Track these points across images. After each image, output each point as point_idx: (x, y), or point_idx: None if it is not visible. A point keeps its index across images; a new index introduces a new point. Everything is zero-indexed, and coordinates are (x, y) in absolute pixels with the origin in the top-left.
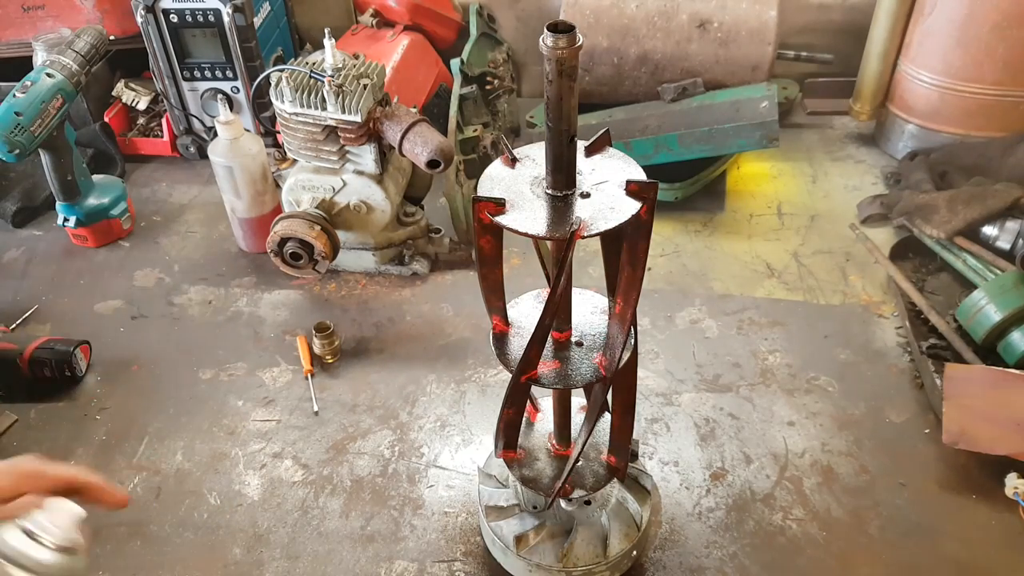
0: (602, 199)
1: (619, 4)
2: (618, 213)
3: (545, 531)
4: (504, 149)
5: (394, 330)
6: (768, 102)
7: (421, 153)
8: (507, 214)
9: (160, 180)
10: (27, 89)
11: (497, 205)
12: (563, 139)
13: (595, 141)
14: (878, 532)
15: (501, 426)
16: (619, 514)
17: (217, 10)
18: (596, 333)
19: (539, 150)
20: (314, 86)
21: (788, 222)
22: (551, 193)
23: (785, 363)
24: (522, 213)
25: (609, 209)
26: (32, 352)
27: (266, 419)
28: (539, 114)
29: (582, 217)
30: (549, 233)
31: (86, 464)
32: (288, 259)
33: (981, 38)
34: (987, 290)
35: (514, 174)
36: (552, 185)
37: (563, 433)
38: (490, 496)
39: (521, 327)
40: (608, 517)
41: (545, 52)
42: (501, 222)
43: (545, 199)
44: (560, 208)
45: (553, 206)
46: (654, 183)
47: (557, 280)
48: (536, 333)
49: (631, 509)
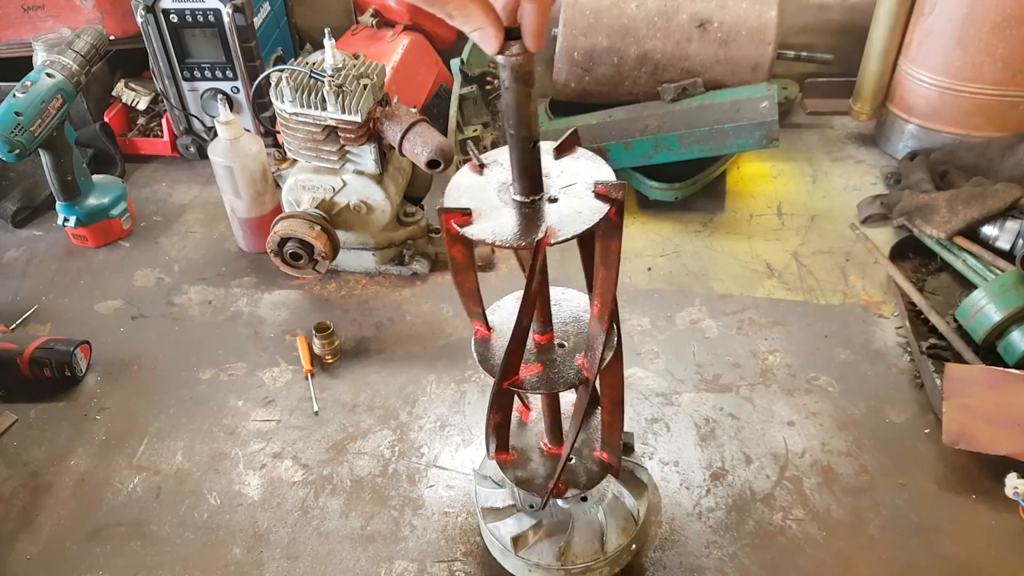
0: (570, 203)
1: (619, 4)
2: (586, 217)
3: (543, 530)
4: (472, 155)
5: (394, 330)
6: (768, 102)
7: (421, 153)
8: (474, 224)
9: (160, 180)
10: (27, 89)
11: (463, 215)
12: (525, 145)
13: (563, 142)
14: (878, 532)
15: (489, 430)
16: (615, 509)
17: (217, 10)
18: (580, 334)
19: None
20: (314, 86)
21: (788, 222)
22: (518, 200)
23: (785, 363)
24: (489, 222)
25: (577, 213)
26: (32, 352)
27: (266, 419)
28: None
29: (549, 224)
30: (515, 242)
31: (86, 464)
32: (288, 259)
33: (981, 38)
34: (987, 290)
35: (482, 181)
36: (519, 191)
37: (555, 432)
38: (487, 497)
39: (503, 331)
40: (604, 513)
41: (500, 60)
42: (467, 233)
43: (513, 206)
44: (528, 215)
45: (521, 213)
46: (622, 184)
47: (528, 286)
48: (513, 339)
49: (627, 503)
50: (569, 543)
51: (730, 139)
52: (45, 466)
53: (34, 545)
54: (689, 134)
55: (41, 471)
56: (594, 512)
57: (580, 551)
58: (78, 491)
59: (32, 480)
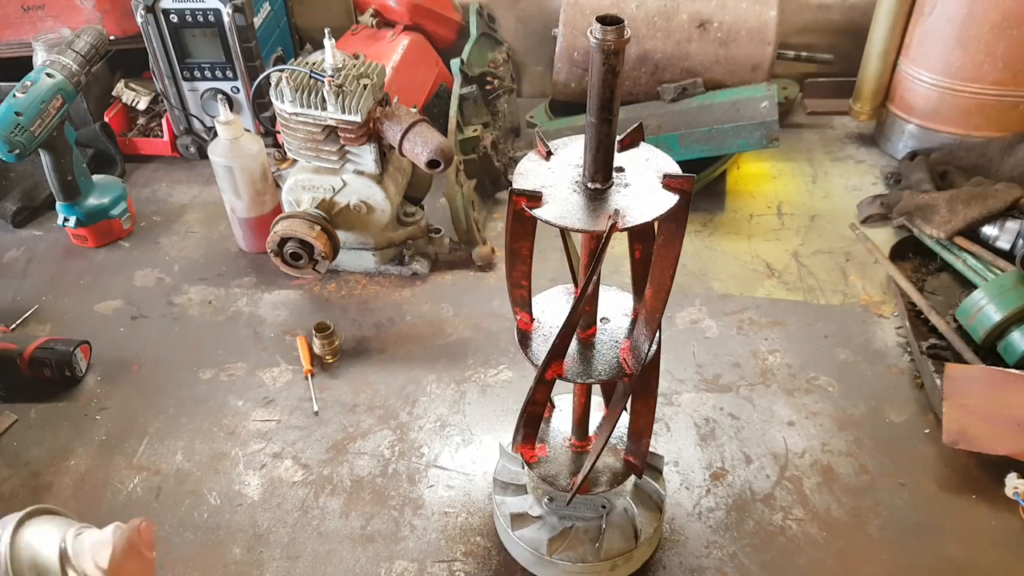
0: (638, 193)
1: (619, 4)
2: (654, 207)
3: (573, 531)
4: (539, 142)
5: (394, 330)
6: (768, 102)
7: (421, 153)
8: (544, 207)
9: (160, 180)
10: (27, 89)
11: (533, 198)
12: (603, 130)
13: (629, 135)
14: (878, 532)
15: (521, 423)
16: (640, 498)
17: (217, 10)
18: (620, 328)
19: (570, 144)
20: (314, 86)
21: (788, 222)
22: (589, 186)
23: (785, 363)
24: (558, 206)
25: (646, 203)
26: (32, 352)
27: (266, 419)
28: (539, 114)
29: (619, 210)
30: (587, 226)
31: (86, 464)
32: (288, 259)
33: (981, 38)
34: (987, 290)
35: (548, 167)
36: (591, 178)
37: (582, 429)
38: (510, 505)
39: (545, 323)
40: (631, 502)
41: (594, 43)
42: (538, 215)
43: (582, 192)
44: (596, 201)
45: (590, 199)
46: (691, 176)
47: (590, 275)
48: (564, 329)
49: (648, 489)
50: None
51: (730, 139)
52: (45, 466)
53: None
54: (689, 134)
55: (41, 471)
56: (621, 503)
57: (616, 545)
58: (78, 491)
59: (32, 480)
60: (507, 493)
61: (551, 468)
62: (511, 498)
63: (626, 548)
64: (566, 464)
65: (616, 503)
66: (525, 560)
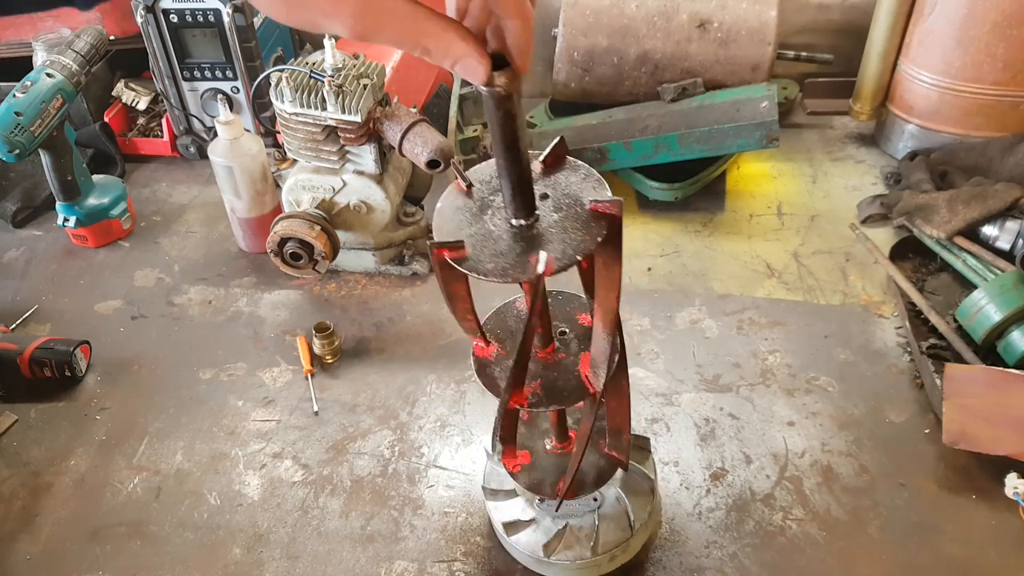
0: (567, 221)
1: (619, 4)
2: (584, 241)
3: (568, 529)
4: (458, 176)
5: (394, 330)
6: (768, 102)
7: (421, 153)
8: (469, 258)
9: (160, 180)
10: (27, 89)
11: (454, 249)
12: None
13: (550, 154)
14: (878, 532)
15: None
16: (630, 485)
17: (217, 10)
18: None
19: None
20: (314, 86)
21: (788, 222)
22: (513, 223)
23: (785, 363)
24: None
25: (573, 237)
26: (32, 352)
27: (266, 419)
28: (539, 114)
29: (548, 251)
30: (516, 274)
31: (86, 464)
32: (288, 259)
33: (981, 38)
34: (987, 290)
35: (470, 204)
36: (514, 215)
37: (560, 430)
38: (502, 511)
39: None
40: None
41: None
42: (464, 268)
43: (506, 231)
44: (523, 241)
45: (516, 239)
46: (618, 200)
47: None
48: (514, 368)
49: (637, 475)
50: (597, 534)
51: (730, 139)
52: (45, 466)
53: (34, 545)
54: (689, 134)
55: (41, 471)
56: (611, 494)
57: (611, 536)
58: (78, 491)
59: (32, 480)
60: (497, 499)
61: (535, 475)
62: (502, 503)
63: (622, 538)
64: (550, 470)
65: (607, 494)
66: (525, 561)
